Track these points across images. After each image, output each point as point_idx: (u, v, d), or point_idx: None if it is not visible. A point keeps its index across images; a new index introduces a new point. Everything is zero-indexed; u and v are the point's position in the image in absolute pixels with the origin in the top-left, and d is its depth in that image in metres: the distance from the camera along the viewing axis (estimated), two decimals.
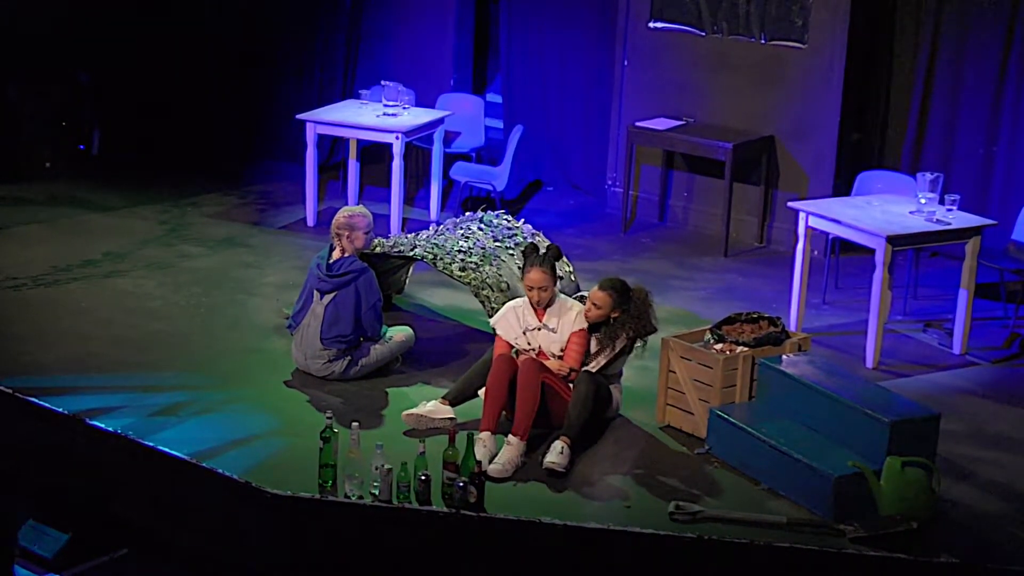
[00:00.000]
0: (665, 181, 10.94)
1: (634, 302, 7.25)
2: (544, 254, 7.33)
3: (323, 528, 6.57)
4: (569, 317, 7.28)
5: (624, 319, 7.22)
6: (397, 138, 10.13)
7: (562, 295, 7.44)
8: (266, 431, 7.22)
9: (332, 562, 6.59)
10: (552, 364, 7.19)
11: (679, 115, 10.65)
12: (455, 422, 7.12)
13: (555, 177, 11.73)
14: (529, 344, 7.31)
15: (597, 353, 7.24)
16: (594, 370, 7.19)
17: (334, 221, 7.86)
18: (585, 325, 7.26)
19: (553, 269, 7.31)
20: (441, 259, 8.09)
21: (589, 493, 6.72)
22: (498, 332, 7.39)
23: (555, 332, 7.28)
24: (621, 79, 10.94)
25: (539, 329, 7.31)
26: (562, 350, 7.25)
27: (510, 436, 6.91)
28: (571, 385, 7.13)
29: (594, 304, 7.24)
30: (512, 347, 7.32)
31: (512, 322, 7.35)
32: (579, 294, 7.73)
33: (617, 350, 7.22)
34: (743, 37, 10.39)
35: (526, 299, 7.37)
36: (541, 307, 7.32)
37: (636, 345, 7.28)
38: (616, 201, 11.00)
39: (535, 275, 7.28)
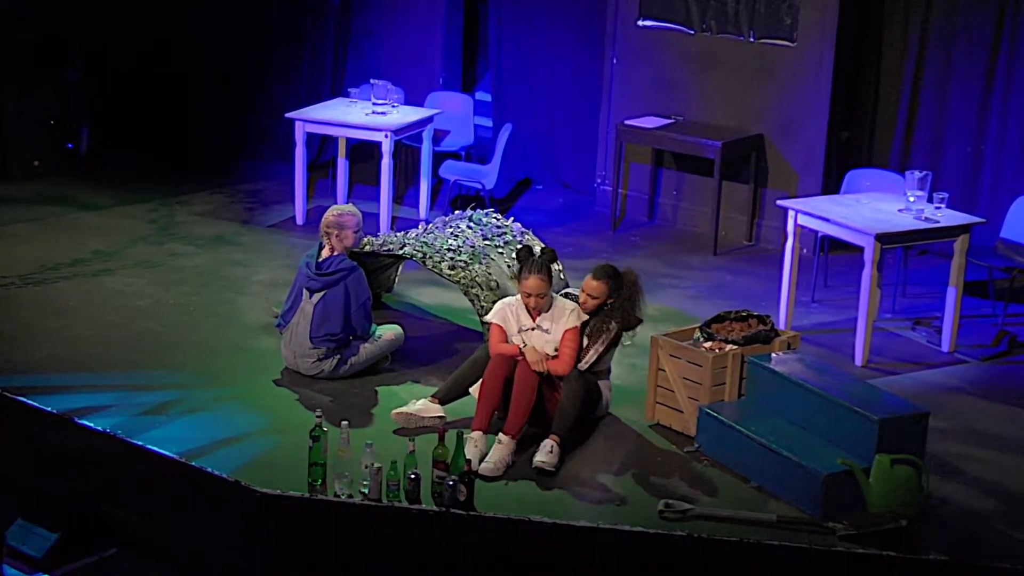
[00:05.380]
0: (654, 179, 10.94)
1: (626, 286, 7.26)
2: (539, 258, 7.31)
3: (312, 527, 6.56)
4: (563, 317, 7.26)
5: (616, 304, 7.22)
6: (386, 136, 10.12)
7: (555, 295, 7.42)
8: (255, 430, 7.21)
9: (321, 561, 6.59)
10: (532, 357, 7.13)
11: (668, 113, 10.65)
12: (445, 420, 7.12)
13: (544, 175, 11.73)
14: (523, 344, 7.29)
15: (588, 347, 7.23)
16: (585, 367, 7.19)
17: (323, 219, 7.86)
18: (578, 323, 7.24)
19: (549, 274, 7.29)
20: (430, 257, 8.08)
21: (579, 492, 6.72)
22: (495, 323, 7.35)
23: (549, 333, 7.26)
24: (610, 77, 10.94)
25: (533, 330, 7.29)
26: (555, 350, 7.24)
27: (501, 435, 6.90)
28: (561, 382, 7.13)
29: (590, 295, 7.23)
30: (507, 336, 7.27)
31: (507, 320, 7.34)
32: (565, 291, 7.71)
33: (608, 341, 7.21)
34: (732, 35, 10.39)
35: (519, 297, 7.35)
36: (537, 312, 7.31)
37: (624, 334, 7.28)
38: (605, 199, 11.01)
39: (533, 283, 7.23)
